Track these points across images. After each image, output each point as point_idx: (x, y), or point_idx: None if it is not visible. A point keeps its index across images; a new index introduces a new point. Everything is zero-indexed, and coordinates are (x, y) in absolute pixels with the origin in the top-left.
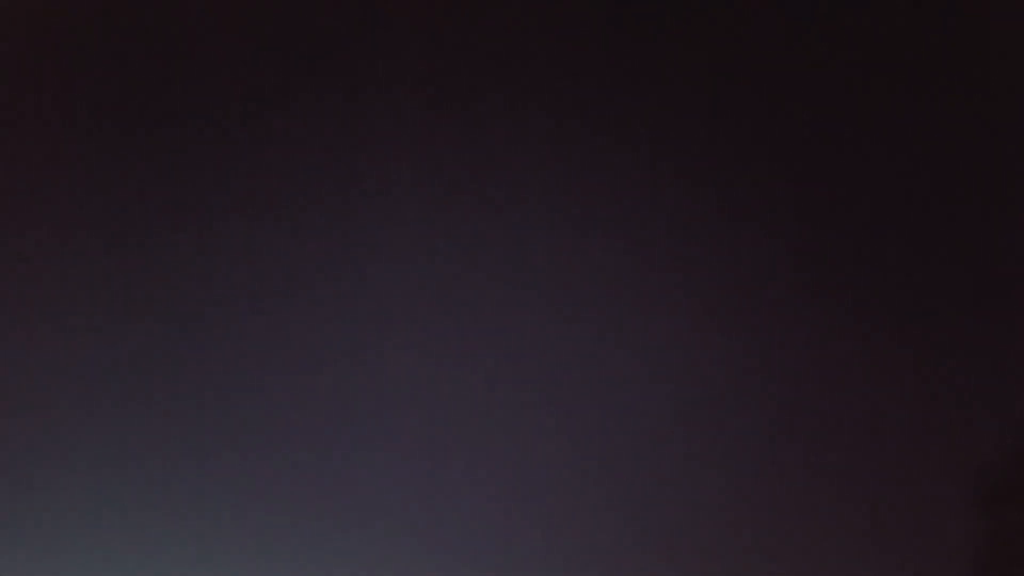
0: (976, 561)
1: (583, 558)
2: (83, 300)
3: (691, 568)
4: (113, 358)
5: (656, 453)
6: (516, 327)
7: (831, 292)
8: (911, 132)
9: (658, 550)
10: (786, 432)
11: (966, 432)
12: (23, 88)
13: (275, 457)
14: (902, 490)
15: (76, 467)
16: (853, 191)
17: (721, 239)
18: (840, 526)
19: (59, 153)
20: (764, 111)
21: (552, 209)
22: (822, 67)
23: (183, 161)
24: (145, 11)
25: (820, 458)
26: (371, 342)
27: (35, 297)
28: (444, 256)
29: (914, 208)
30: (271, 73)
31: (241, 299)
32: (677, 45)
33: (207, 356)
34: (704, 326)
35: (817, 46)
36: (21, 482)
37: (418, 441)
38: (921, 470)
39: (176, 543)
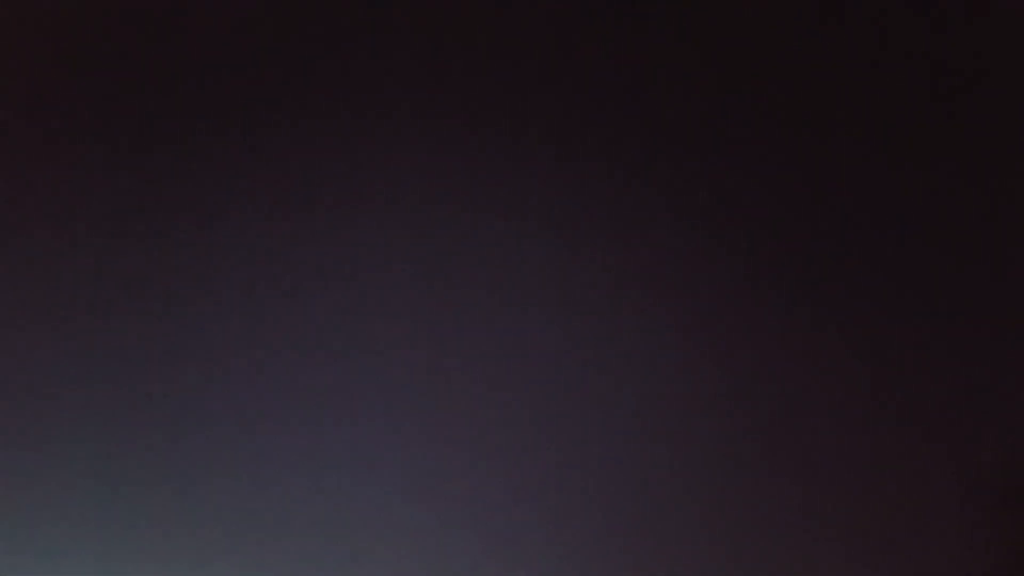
0: (976, 565)
1: (582, 558)
2: (83, 299)
3: (690, 568)
4: (113, 357)
5: (655, 454)
6: (515, 328)
7: (830, 293)
8: (909, 133)
9: (658, 551)
10: (785, 434)
11: (966, 435)
12: (23, 88)
13: (276, 458)
14: (902, 493)
15: (76, 467)
16: (850, 193)
17: (720, 240)
18: (840, 529)
19: (59, 152)
20: (760, 111)
21: (551, 210)
22: (820, 69)
23: (182, 161)
24: (145, 11)
25: (819, 460)
26: (370, 343)
27: (35, 297)
28: (443, 257)
29: (912, 209)
30: (271, 73)
31: (241, 298)
32: (676, 47)
33: (208, 356)
34: (702, 327)
35: (815, 49)
36: (21, 482)
37: (419, 443)
38: (921, 473)
39: (176, 543)
